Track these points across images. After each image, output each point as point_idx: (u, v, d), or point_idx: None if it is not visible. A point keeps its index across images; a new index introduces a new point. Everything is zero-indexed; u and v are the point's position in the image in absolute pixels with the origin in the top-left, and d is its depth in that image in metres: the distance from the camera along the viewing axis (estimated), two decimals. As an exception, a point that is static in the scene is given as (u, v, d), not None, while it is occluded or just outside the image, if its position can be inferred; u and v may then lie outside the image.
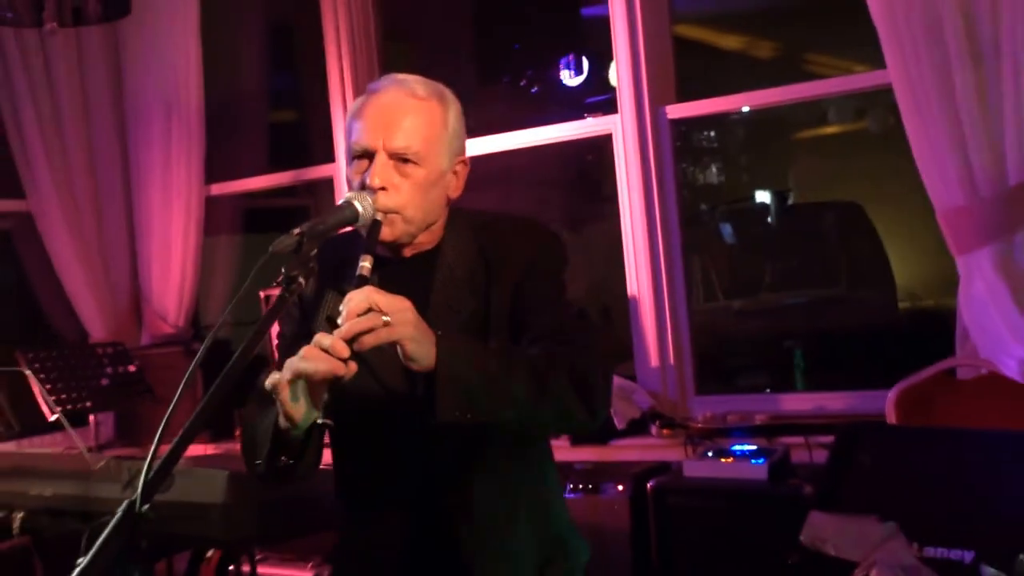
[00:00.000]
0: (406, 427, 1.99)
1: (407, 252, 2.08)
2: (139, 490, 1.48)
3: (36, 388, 4.03)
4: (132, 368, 4.73)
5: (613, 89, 5.37)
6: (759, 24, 6.87)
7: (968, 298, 3.54)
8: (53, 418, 4.13)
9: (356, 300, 1.76)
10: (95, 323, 5.23)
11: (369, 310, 1.74)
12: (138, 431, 4.85)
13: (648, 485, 3.70)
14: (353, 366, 1.75)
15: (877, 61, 3.73)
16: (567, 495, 3.68)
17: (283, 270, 1.78)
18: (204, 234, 5.22)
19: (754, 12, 6.77)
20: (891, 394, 3.62)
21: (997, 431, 3.19)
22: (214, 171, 5.23)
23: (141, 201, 5.20)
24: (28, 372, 3.96)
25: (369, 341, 1.74)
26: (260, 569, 3.89)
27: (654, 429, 4.12)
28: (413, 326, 1.78)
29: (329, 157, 5.25)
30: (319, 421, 1.79)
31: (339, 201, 1.96)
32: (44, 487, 3.02)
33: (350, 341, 1.73)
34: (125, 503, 1.48)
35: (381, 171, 1.95)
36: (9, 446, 3.71)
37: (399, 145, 1.97)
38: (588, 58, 5.58)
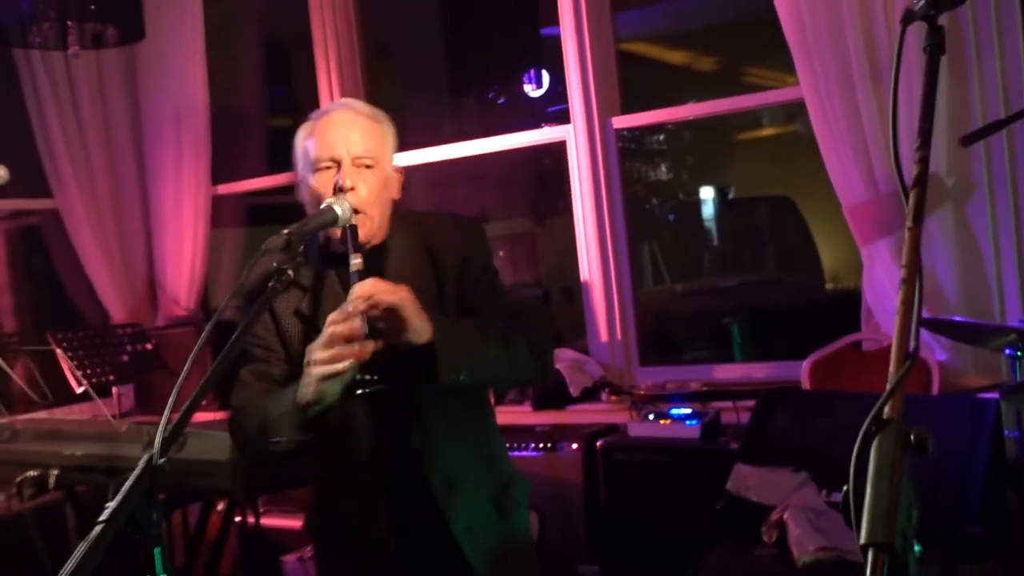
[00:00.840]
0: (382, 393, 2.06)
1: (367, 247, 2.16)
2: (156, 445, 1.57)
3: (65, 364, 4.07)
4: (149, 346, 4.75)
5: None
6: (702, 41, 6.86)
7: (871, 282, 3.60)
8: (80, 390, 4.18)
9: (366, 286, 1.90)
10: (115, 307, 5.23)
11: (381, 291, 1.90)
12: (155, 401, 4.85)
13: (598, 444, 3.76)
14: (366, 351, 1.89)
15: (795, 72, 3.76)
16: (530, 453, 3.76)
17: (275, 264, 1.87)
18: (211, 227, 5.22)
19: (697, 31, 6.78)
20: (805, 364, 3.70)
21: None
22: (220, 172, 5.23)
23: (155, 199, 5.19)
24: (58, 350, 4.00)
25: (385, 297, 1.89)
26: (264, 520, 3.94)
27: (604, 396, 4.16)
28: (414, 305, 1.93)
29: None
30: (360, 391, 1.91)
31: (321, 206, 2.04)
32: (76, 448, 3.06)
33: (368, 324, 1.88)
34: (145, 457, 1.57)
35: (350, 173, 2.08)
36: (42, 414, 3.73)
37: (360, 152, 2.10)
38: (548, 72, 5.53)
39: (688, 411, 3.75)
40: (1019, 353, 2.78)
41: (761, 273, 6.41)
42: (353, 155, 2.09)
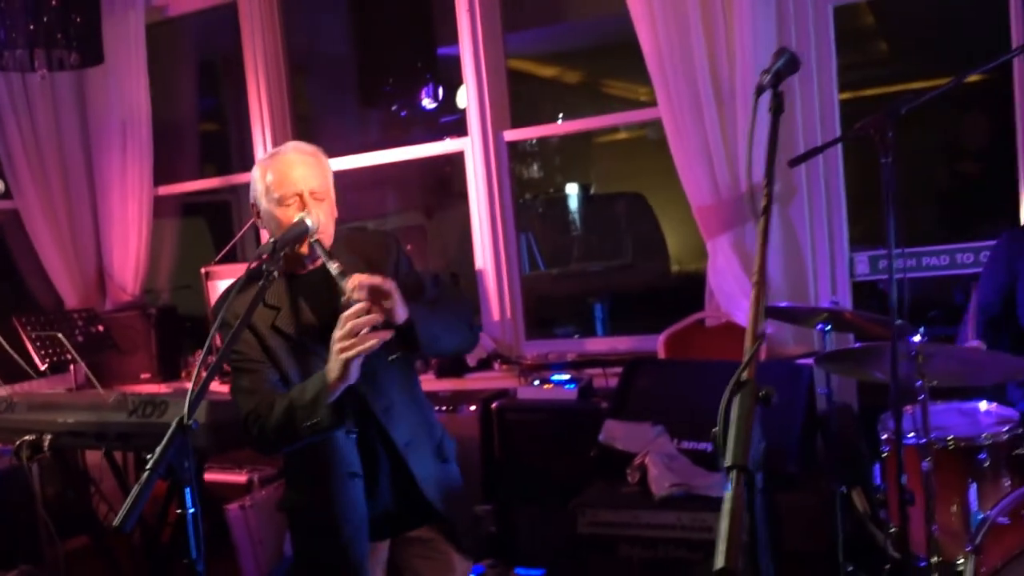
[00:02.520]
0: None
1: (312, 264, 2.30)
2: (185, 408, 1.75)
3: (29, 344, 4.05)
4: (101, 328, 4.77)
5: (460, 111, 5.40)
6: (569, 58, 7.04)
7: (714, 269, 3.85)
8: (44, 367, 4.16)
9: (362, 279, 2.05)
10: (68, 294, 5.24)
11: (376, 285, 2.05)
12: (106, 376, 4.81)
13: (493, 405, 3.91)
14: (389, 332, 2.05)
15: (650, 85, 3.91)
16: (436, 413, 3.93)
17: (263, 267, 2.04)
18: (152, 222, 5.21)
19: (565, 51, 6.95)
20: (660, 337, 3.97)
21: (731, 361, 3.36)
22: (160, 172, 5.21)
23: (103, 199, 5.20)
24: (23, 332, 3.99)
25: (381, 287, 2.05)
26: (206, 476, 3.97)
27: (496, 365, 4.33)
28: (399, 291, 2.10)
29: (244, 163, 5.26)
30: (391, 358, 2.09)
31: (294, 220, 2.19)
32: (67, 416, 3.12)
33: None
34: (177, 418, 1.75)
35: (311, 203, 2.23)
36: (3, 390, 3.69)
37: (315, 187, 2.25)
38: (442, 87, 5.62)
39: (566, 377, 3.91)
40: (828, 328, 3.10)
41: (620, 259, 6.58)
42: (309, 190, 2.24)
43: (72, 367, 4.51)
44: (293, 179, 2.24)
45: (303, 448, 2.26)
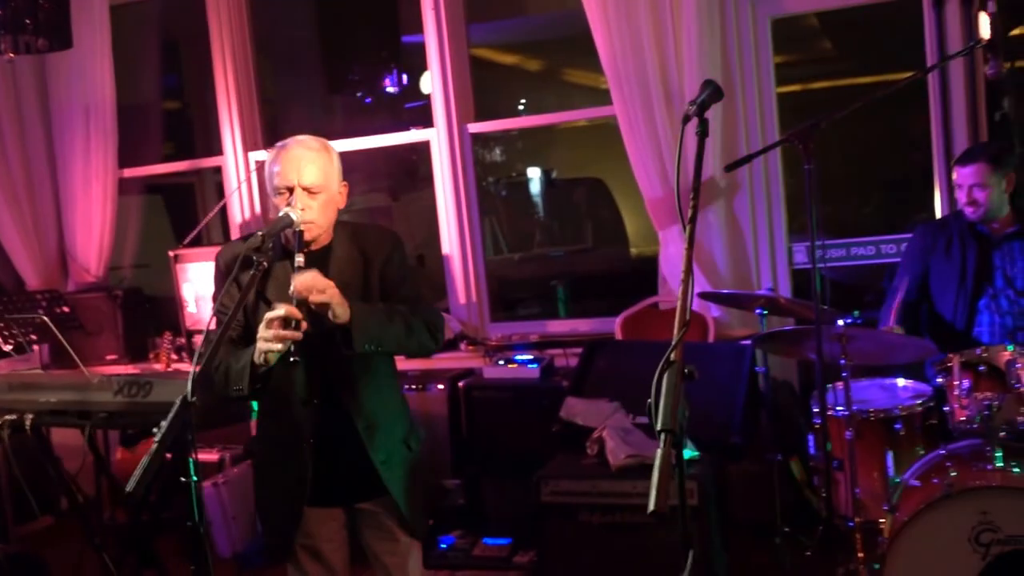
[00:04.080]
0: (317, 353, 2.46)
1: (312, 247, 2.51)
2: (188, 386, 2.00)
3: None
4: (66, 309, 4.91)
5: (425, 97, 5.60)
6: (530, 47, 7.26)
7: (666, 257, 4.20)
8: (8, 348, 4.31)
9: (305, 277, 2.30)
10: (30, 275, 5.33)
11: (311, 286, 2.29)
12: (70, 357, 4.94)
13: (460, 384, 4.16)
14: (303, 325, 2.28)
15: None
16: (406, 392, 4.03)
17: (253, 257, 2.28)
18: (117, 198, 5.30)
19: (526, 40, 7.16)
20: (617, 320, 4.29)
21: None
22: (124, 152, 5.30)
23: (65, 181, 5.28)
24: None
25: (315, 300, 2.30)
26: None
27: (463, 346, 4.57)
28: (339, 294, 2.35)
29: (208, 144, 5.39)
30: (292, 359, 2.29)
31: (279, 214, 2.42)
32: (49, 396, 3.20)
33: (302, 303, 2.27)
34: (181, 396, 2.00)
35: (300, 198, 2.45)
36: None
37: (307, 182, 2.46)
38: (405, 73, 5.84)
39: (529, 357, 4.19)
40: (765, 312, 3.46)
41: (581, 244, 6.86)
42: (303, 185, 2.45)
43: (36, 348, 4.62)
44: (291, 172, 2.44)
45: (269, 413, 2.58)
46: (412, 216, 6.63)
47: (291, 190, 2.45)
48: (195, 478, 2.11)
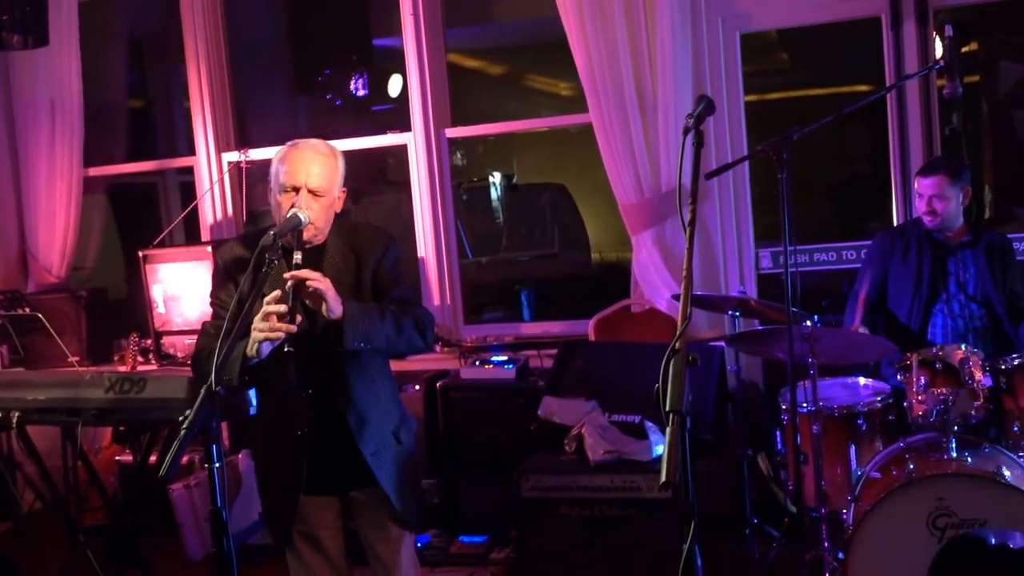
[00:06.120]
0: (310, 347, 2.59)
1: (307, 246, 2.62)
2: (212, 376, 2.14)
3: None
4: (28, 310, 4.94)
5: (391, 100, 5.79)
6: (494, 53, 7.45)
7: (638, 261, 4.39)
8: None
9: (300, 274, 2.42)
10: None
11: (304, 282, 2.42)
12: (34, 357, 4.98)
13: (437, 384, 4.30)
14: (298, 318, 2.43)
15: (573, 82, 4.39)
16: None
17: (266, 256, 2.40)
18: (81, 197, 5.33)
19: (491, 46, 7.35)
20: (591, 321, 4.49)
21: (653, 343, 3.94)
22: (89, 151, 5.35)
23: (28, 180, 5.31)
24: None
25: (311, 286, 2.42)
26: (151, 458, 3.98)
27: (438, 348, 4.72)
28: (333, 291, 2.49)
29: (172, 144, 5.54)
30: (286, 349, 2.44)
31: (287, 215, 2.53)
32: (38, 394, 3.22)
33: (293, 297, 2.38)
34: (205, 386, 2.14)
35: (304, 200, 2.58)
36: None
37: (313, 185, 2.60)
38: (374, 76, 5.93)
39: (505, 358, 4.35)
40: (736, 314, 3.71)
41: (547, 248, 7.04)
42: (309, 187, 2.58)
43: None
44: (299, 173, 2.58)
45: (266, 404, 2.72)
46: (372, 219, 6.73)
47: (297, 190, 2.58)
48: (217, 464, 2.24)
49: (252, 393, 2.97)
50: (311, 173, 2.59)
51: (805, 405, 3.41)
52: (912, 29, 4.14)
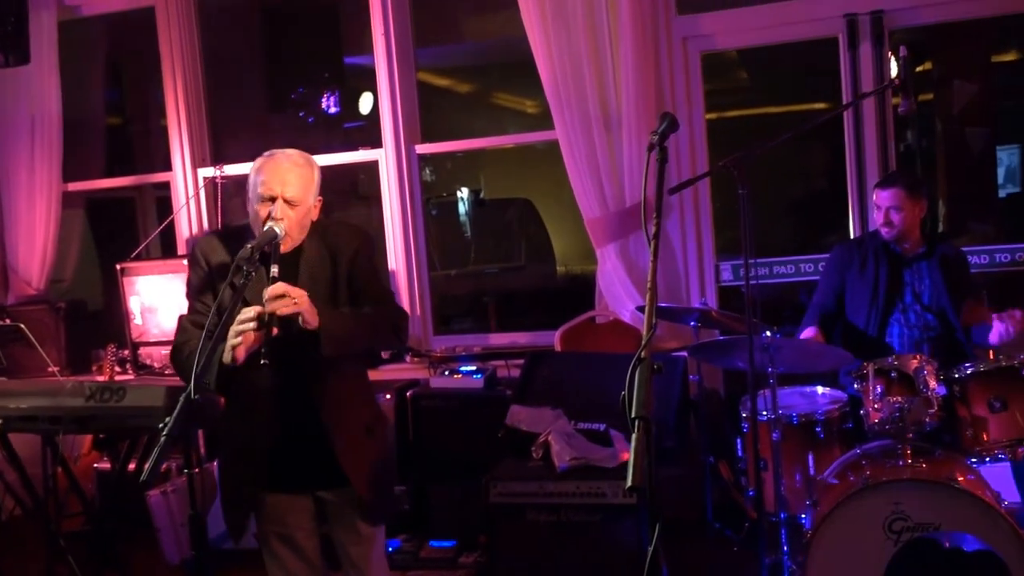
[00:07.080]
0: (289, 353, 2.57)
1: (283, 250, 2.61)
2: (191, 384, 2.13)
3: None
4: (8, 321, 4.93)
5: (363, 117, 5.80)
6: (461, 72, 7.47)
7: (602, 273, 4.43)
8: None
9: (277, 287, 2.44)
10: None
11: (283, 295, 2.44)
12: (15, 368, 4.97)
13: (408, 394, 4.31)
14: (274, 331, 2.44)
15: (539, 100, 4.44)
16: None
17: (243, 267, 2.41)
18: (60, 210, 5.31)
19: (459, 65, 7.37)
20: (557, 333, 4.51)
21: (618, 354, 4.03)
22: (68, 166, 5.34)
23: (8, 195, 5.30)
24: None
25: (284, 310, 2.43)
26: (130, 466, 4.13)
27: (408, 358, 4.75)
28: (309, 303, 2.50)
29: (149, 160, 5.53)
30: (262, 361, 2.44)
31: (264, 228, 2.54)
32: (20, 402, 3.23)
33: (269, 317, 2.40)
34: (184, 393, 2.13)
35: (280, 210, 2.59)
36: None
37: (289, 195, 2.60)
38: (346, 94, 5.96)
39: (473, 368, 4.36)
40: (698, 324, 3.73)
41: (514, 262, 7.07)
42: (285, 196, 2.59)
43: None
44: (275, 183, 2.58)
45: (239, 404, 2.69)
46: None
47: (273, 199, 2.58)
48: (196, 469, 2.23)
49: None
50: (287, 183, 2.60)
51: (765, 413, 3.43)
52: (868, 49, 4.22)
